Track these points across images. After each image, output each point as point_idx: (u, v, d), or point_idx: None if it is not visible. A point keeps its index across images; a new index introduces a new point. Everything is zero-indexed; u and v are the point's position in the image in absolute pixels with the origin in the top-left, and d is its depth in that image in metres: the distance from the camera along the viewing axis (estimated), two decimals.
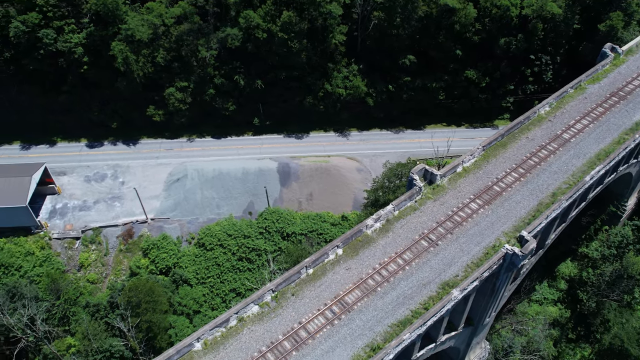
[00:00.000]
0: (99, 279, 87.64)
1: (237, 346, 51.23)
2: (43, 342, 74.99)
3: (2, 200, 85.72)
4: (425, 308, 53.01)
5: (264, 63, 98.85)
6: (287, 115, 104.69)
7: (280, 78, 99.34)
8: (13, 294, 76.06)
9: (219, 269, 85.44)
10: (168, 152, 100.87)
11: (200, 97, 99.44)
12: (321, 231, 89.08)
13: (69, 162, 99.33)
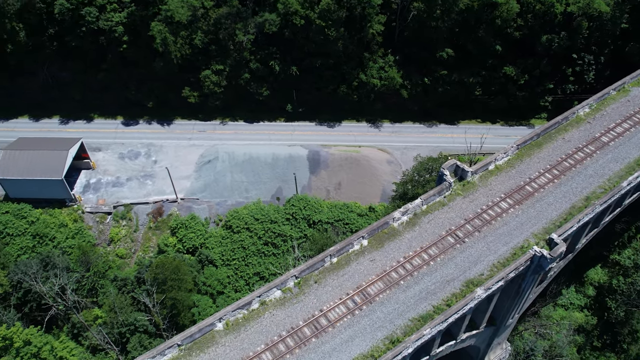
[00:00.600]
0: (128, 254, 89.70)
1: (257, 329, 51.91)
2: (72, 312, 77.38)
3: (40, 173, 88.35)
4: (448, 305, 52.64)
5: (300, 50, 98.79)
6: (320, 103, 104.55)
7: (315, 66, 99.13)
8: (46, 263, 78.58)
9: (245, 252, 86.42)
10: (201, 134, 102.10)
11: (235, 80, 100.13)
12: (347, 221, 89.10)
13: (104, 139, 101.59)
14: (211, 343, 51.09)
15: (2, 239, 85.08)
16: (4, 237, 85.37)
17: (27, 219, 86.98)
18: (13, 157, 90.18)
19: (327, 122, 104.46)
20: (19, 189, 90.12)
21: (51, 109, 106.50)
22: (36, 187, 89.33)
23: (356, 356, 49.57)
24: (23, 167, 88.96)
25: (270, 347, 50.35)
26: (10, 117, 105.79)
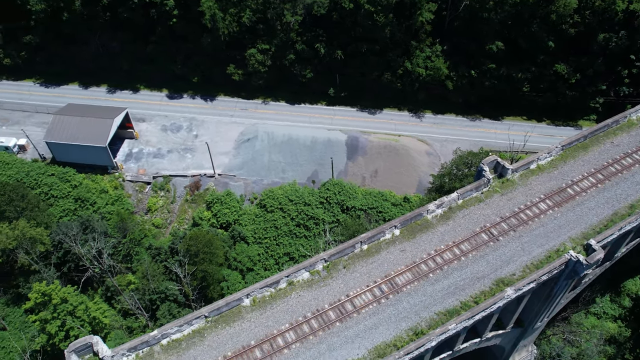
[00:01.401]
0: (164, 224, 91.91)
1: (283, 308, 52.58)
2: (107, 275, 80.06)
3: (85, 139, 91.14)
4: (476, 302, 52.04)
5: (347, 34, 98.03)
6: (363, 89, 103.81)
7: (361, 51, 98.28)
8: (86, 226, 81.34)
9: (276, 232, 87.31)
10: (242, 112, 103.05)
11: (279, 61, 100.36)
12: (381, 209, 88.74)
13: (149, 110, 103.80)
14: (237, 318, 52.07)
15: (47, 200, 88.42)
16: (49, 199, 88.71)
17: (71, 183, 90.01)
18: (61, 122, 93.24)
19: (369, 109, 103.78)
20: (65, 153, 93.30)
21: (100, 77, 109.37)
22: (81, 153, 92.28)
23: (379, 344, 49.70)
24: (70, 133, 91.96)
25: (295, 327, 50.96)
26: (62, 83, 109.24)
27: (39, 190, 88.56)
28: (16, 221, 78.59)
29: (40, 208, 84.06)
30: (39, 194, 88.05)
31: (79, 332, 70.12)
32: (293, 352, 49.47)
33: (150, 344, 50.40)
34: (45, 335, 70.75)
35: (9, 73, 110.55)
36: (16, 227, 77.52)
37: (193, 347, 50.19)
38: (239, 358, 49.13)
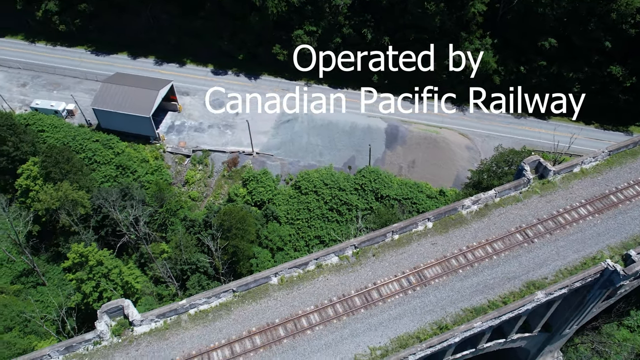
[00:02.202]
0: (199, 197, 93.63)
1: (310, 290, 53.08)
2: (142, 242, 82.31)
3: (130, 108, 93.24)
4: (504, 302, 51.33)
5: (395, 21, 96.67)
6: (406, 78, 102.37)
7: (408, 39, 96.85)
8: (125, 193, 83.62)
9: (309, 214, 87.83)
10: (284, 92, 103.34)
11: (325, 44, 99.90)
12: (415, 200, 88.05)
13: (193, 84, 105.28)
14: (264, 295, 52.89)
15: (90, 165, 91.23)
16: (92, 164, 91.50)
17: (114, 150, 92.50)
18: (109, 90, 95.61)
19: (411, 99, 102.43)
20: (110, 121, 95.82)
21: (148, 49, 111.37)
22: (125, 121, 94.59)
23: (402, 334, 49.72)
24: (116, 101, 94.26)
25: (320, 309, 51.43)
26: (112, 52, 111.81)
27: (83, 155, 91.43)
28: (60, 183, 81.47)
29: (84, 172, 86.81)
30: (83, 158, 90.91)
31: (112, 294, 72.61)
32: (316, 334, 50.02)
33: (178, 312, 51.80)
34: (80, 294, 73.56)
35: (63, 39, 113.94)
36: (60, 189, 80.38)
37: (219, 319, 51.34)
38: (263, 334, 50.00)
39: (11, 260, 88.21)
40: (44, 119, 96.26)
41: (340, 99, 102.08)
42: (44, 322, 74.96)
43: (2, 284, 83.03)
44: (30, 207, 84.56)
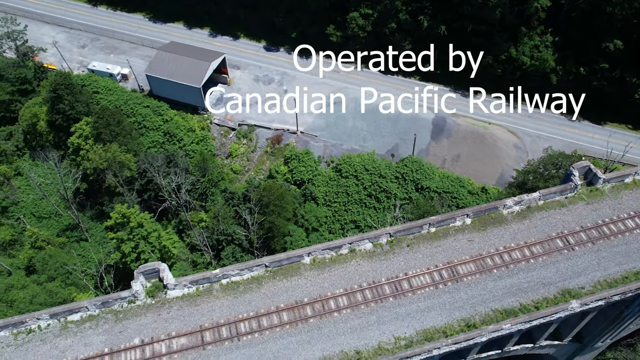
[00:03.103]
0: (241, 171, 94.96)
1: (341, 273, 53.39)
2: (182, 209, 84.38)
3: (182, 78, 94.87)
4: (536, 307, 50.31)
5: (454, 10, 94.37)
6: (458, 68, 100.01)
7: (465, 29, 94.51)
8: (170, 160, 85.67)
9: (347, 198, 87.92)
10: (334, 74, 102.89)
11: (380, 28, 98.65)
12: (456, 195, 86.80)
13: (244, 59, 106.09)
14: (295, 273, 53.54)
15: (139, 130, 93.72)
16: (141, 128, 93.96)
17: (163, 117, 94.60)
18: (163, 58, 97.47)
19: (462, 91, 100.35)
20: (162, 88, 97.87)
21: (204, 20, 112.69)
22: (176, 90, 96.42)
23: (428, 327, 49.54)
24: (169, 69, 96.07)
25: (349, 293, 51.73)
26: (168, 21, 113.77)
27: (134, 119, 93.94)
28: (109, 144, 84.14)
29: (132, 136, 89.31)
30: (133, 122, 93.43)
31: (149, 256, 74.99)
32: (343, 317, 50.42)
33: (211, 280, 53.08)
34: (120, 254, 76.27)
35: (123, 5, 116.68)
36: (109, 150, 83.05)
37: (249, 292, 52.35)
38: (291, 312, 50.74)
39: (59, 214, 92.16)
40: (99, 81, 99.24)
41: (389, 85, 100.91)
42: (84, 276, 78.29)
43: (49, 236, 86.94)
44: (80, 165, 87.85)
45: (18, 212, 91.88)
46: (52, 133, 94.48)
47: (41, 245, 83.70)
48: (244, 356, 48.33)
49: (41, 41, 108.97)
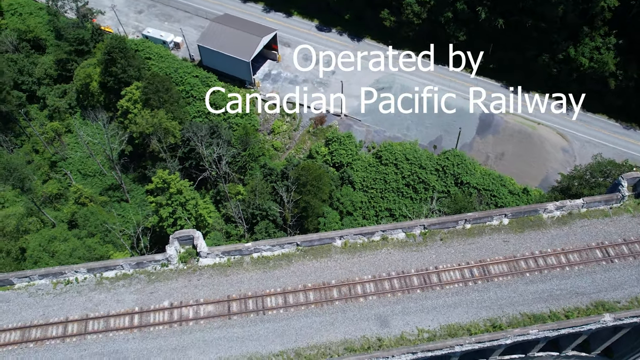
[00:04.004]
0: (282, 148, 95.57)
1: (370, 260, 53.41)
2: (220, 180, 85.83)
3: (232, 50, 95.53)
4: (567, 316, 49.19)
5: (514, 3, 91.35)
6: (513, 66, 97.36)
7: (524, 25, 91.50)
8: (213, 131, 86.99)
9: (384, 185, 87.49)
10: (384, 60, 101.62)
11: (435, 16, 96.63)
12: (496, 194, 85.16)
13: (295, 37, 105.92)
14: (325, 254, 53.87)
15: (186, 98, 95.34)
16: (188, 97, 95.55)
17: (210, 88, 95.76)
18: (215, 29, 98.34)
19: (513, 88, 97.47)
20: (212, 60, 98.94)
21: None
22: (226, 62, 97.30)
23: (453, 323, 49.19)
24: (220, 41, 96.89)
25: (376, 280, 51.76)
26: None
27: (182, 88, 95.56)
28: (157, 110, 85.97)
29: (179, 104, 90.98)
30: (181, 91, 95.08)
31: (185, 223, 76.81)
32: (368, 303, 50.58)
33: (242, 253, 54.02)
34: (157, 217, 78.40)
35: None
36: (156, 116, 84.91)
37: (279, 268, 53.06)
38: (317, 292, 51.22)
39: (103, 174, 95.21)
40: (152, 47, 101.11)
41: (438, 75, 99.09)
42: (122, 235, 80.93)
43: (92, 194, 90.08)
44: (127, 128, 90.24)
45: (66, 168, 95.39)
46: (103, 94, 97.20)
47: (84, 202, 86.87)
48: (268, 330, 49.22)
49: (100, 4, 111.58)
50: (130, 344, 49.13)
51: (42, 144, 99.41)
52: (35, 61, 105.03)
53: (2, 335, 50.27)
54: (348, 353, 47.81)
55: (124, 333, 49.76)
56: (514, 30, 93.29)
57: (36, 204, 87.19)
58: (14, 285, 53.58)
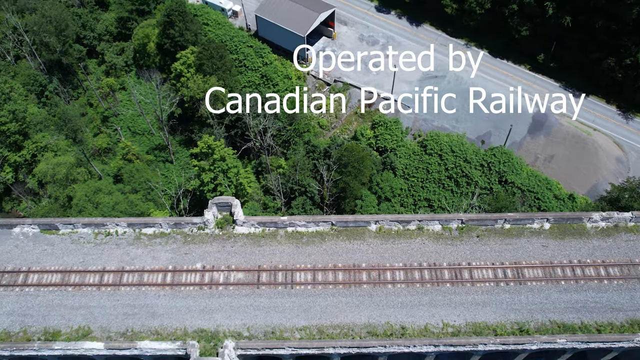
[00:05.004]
0: (327, 127, 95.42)
1: (404, 248, 53.24)
2: (263, 152, 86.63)
3: (289, 24, 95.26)
4: (599, 330, 47.93)
5: (585, 2, 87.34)
6: (575, 67, 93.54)
7: (593, 25, 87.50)
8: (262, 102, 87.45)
9: (426, 175, 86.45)
10: (440, 47, 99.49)
11: (498, 8, 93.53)
12: (540, 197, 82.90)
13: (353, 15, 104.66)
14: (359, 237, 54.01)
15: (239, 67, 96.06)
16: (241, 67, 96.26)
17: (263, 59, 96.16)
18: (274, 1, 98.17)
19: (573, 89, 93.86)
20: (268, 31, 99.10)
21: None
22: (281, 35, 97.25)
23: (479, 322, 48.72)
24: (278, 13, 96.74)
25: (407, 269, 51.67)
26: None
27: (235, 57, 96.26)
28: (209, 76, 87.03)
29: (231, 72, 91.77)
30: (234, 59, 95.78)
31: (225, 190, 78.16)
32: (396, 290, 50.63)
33: (277, 226, 54.73)
34: (199, 181, 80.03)
35: None
36: (207, 82, 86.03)
37: (311, 244, 53.57)
38: (346, 273, 51.54)
39: (151, 133, 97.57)
40: (210, 13, 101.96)
41: (495, 68, 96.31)
42: (163, 195, 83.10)
43: (139, 151, 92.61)
44: (179, 91, 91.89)
45: (116, 124, 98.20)
46: (159, 56, 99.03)
47: (131, 158, 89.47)
48: (294, 304, 49.99)
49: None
50: (160, 300, 50.83)
51: (96, 98, 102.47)
52: (97, 17, 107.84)
53: (45, 276, 52.84)
54: (370, 336, 48.12)
55: (156, 289, 51.52)
56: (580, 29, 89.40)
57: (86, 155, 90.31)
58: (59, 230, 56.01)
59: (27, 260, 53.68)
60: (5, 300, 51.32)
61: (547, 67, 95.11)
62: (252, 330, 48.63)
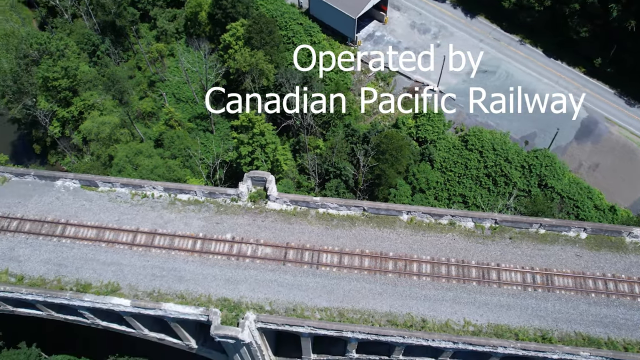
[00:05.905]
0: (369, 112, 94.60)
1: (433, 241, 52.82)
2: (303, 131, 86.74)
3: (341, 4, 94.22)
4: (626, 348, 46.66)
5: None
6: (634, 73, 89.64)
7: None
8: (306, 81, 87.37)
9: (464, 171, 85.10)
10: (493, 42, 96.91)
11: (559, 6, 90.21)
12: (580, 205, 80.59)
13: (407, 1, 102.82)
14: (389, 225, 53.81)
15: (287, 44, 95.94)
16: (289, 43, 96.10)
17: (312, 38, 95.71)
18: None
19: (629, 97, 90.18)
20: (319, 10, 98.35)
21: None
22: (332, 15, 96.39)
23: (502, 324, 48.12)
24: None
25: (434, 263, 51.32)
26: None
27: (284, 33, 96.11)
28: (256, 50, 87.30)
29: (279, 49, 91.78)
30: (283, 36, 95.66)
31: (261, 164, 78.89)
32: (421, 282, 50.42)
33: (309, 205, 55.01)
34: (237, 154, 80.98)
35: None
36: (254, 56, 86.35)
37: (340, 228, 53.71)
38: (373, 260, 51.56)
39: (194, 102, 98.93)
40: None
41: (549, 69, 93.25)
42: (201, 163, 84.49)
43: (181, 118, 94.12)
44: (226, 62, 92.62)
45: (162, 89, 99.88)
46: (209, 25, 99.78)
47: (173, 125, 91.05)
48: (317, 284, 50.41)
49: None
50: (188, 266, 52.05)
51: (145, 63, 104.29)
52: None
53: (82, 230, 54.74)
54: (390, 325, 48.20)
55: (185, 255, 52.74)
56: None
57: (130, 117, 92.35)
58: (98, 187, 57.77)
59: (66, 213, 55.67)
60: (43, 249, 53.50)
61: (603, 72, 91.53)
62: (274, 305, 49.34)
